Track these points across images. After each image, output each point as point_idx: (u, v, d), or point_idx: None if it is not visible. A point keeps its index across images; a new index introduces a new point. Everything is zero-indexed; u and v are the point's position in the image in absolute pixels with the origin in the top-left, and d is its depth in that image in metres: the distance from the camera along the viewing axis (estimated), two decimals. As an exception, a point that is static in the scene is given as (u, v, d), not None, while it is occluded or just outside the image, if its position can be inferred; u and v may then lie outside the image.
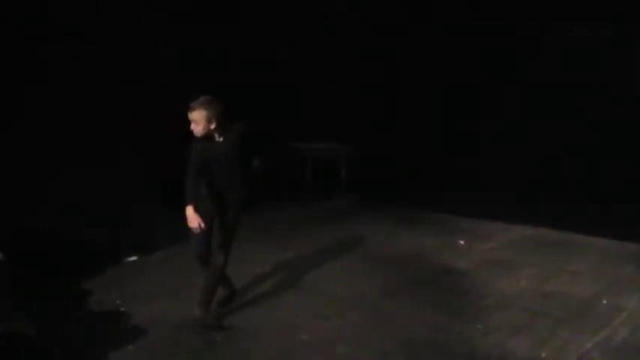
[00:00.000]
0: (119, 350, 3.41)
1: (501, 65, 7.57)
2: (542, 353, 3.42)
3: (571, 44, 7.07)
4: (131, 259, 5.15)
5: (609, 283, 4.59)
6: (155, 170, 5.76)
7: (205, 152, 3.64)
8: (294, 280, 4.64)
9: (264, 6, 7.14)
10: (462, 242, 5.82)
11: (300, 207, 7.30)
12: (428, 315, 3.99)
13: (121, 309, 4.03)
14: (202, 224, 3.52)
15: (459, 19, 7.86)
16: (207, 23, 6.59)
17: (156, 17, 6.07)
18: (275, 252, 5.33)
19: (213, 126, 3.60)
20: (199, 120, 3.57)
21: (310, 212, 7.16)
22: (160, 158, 5.84)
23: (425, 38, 8.19)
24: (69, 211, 5.03)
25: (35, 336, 3.17)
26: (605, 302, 4.19)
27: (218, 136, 3.67)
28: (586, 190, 6.51)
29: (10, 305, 3.25)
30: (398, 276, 4.82)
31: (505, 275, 4.82)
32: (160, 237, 5.32)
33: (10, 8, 4.80)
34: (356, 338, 3.62)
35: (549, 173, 7.13)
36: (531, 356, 3.40)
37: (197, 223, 3.51)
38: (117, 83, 5.61)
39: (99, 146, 5.49)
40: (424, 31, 8.18)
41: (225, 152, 3.67)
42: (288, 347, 3.49)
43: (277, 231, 6.23)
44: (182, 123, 3.78)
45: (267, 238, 5.80)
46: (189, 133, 3.71)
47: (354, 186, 7.98)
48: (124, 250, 5.18)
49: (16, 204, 4.78)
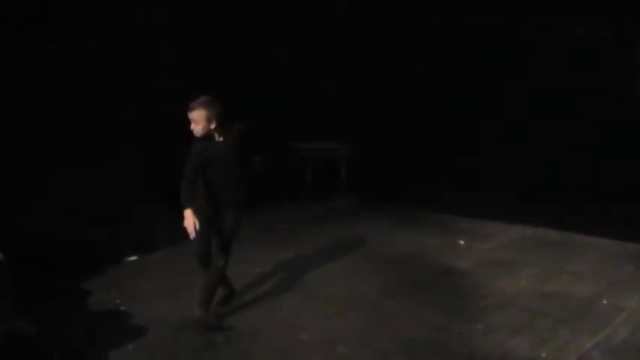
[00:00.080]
0: (119, 350, 3.42)
1: (501, 65, 7.57)
2: (542, 353, 3.42)
3: (571, 44, 7.08)
4: (131, 259, 5.15)
5: (609, 283, 4.60)
6: (155, 170, 5.75)
7: (205, 152, 3.64)
8: (294, 280, 4.64)
9: (264, 6, 7.14)
10: (462, 242, 5.82)
11: (300, 207, 7.31)
12: (428, 315, 4.00)
13: (121, 309, 4.03)
14: (197, 226, 3.46)
15: (459, 19, 7.86)
16: (207, 23, 6.59)
17: (156, 17, 6.07)
18: (275, 252, 5.33)
19: (213, 126, 3.60)
20: (199, 120, 3.56)
21: (310, 212, 7.16)
22: (160, 158, 5.83)
23: (425, 38, 8.19)
24: (69, 211, 5.03)
25: (36, 335, 3.17)
26: (605, 302, 4.19)
27: (218, 136, 3.67)
28: (586, 190, 6.52)
29: (11, 305, 3.25)
30: (398, 276, 4.83)
31: (505, 275, 4.82)
32: (160, 237, 5.32)
33: (10, 8, 4.80)
34: (356, 338, 3.62)
35: (549, 173, 7.13)
36: (531, 356, 3.40)
37: (191, 226, 3.44)
38: (117, 83, 5.61)
39: (99, 146, 5.49)
40: (424, 31, 8.18)
41: (225, 152, 3.66)
42: (288, 347, 3.49)
43: (277, 231, 6.23)
44: (182, 123, 3.78)
45: (267, 238, 5.80)
46: (189, 133, 3.70)
47: (354, 186, 7.96)
48: (124, 250, 5.18)
49: (16, 204, 4.78)
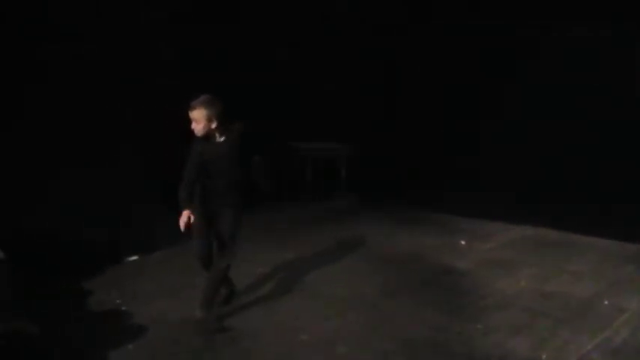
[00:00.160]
0: (119, 349, 3.42)
1: (501, 65, 7.57)
2: (542, 354, 3.41)
3: (571, 44, 7.07)
4: (132, 259, 5.15)
5: (609, 284, 4.58)
6: (155, 170, 5.75)
7: (205, 153, 3.63)
8: (294, 281, 4.64)
9: (264, 6, 7.14)
10: (463, 242, 5.81)
11: (300, 207, 7.31)
12: (428, 315, 3.99)
13: (122, 308, 4.03)
14: (192, 222, 3.48)
15: (459, 19, 7.86)
16: (207, 23, 6.58)
17: (156, 17, 6.07)
18: (275, 252, 5.33)
19: (214, 125, 3.59)
20: (200, 119, 3.56)
21: (310, 212, 7.15)
22: (160, 158, 5.82)
23: (425, 38, 8.19)
24: (69, 211, 5.03)
25: (37, 335, 3.18)
26: (606, 303, 4.17)
27: (219, 136, 3.66)
28: (586, 190, 6.51)
29: (11, 304, 3.25)
30: (398, 276, 4.82)
31: (505, 275, 4.82)
32: (160, 237, 5.31)
33: (10, 8, 4.80)
34: (356, 338, 3.62)
35: (549, 173, 7.13)
36: (531, 356, 3.39)
37: (184, 221, 3.47)
38: (117, 83, 5.61)
39: (99, 146, 5.50)
40: (424, 31, 8.18)
41: (225, 153, 3.65)
42: (288, 347, 3.49)
43: (277, 231, 6.23)
44: (182, 123, 3.78)
45: (267, 238, 5.80)
46: (189, 133, 3.70)
47: (354, 186, 7.96)
48: (124, 250, 5.18)
49: (16, 204, 4.78)
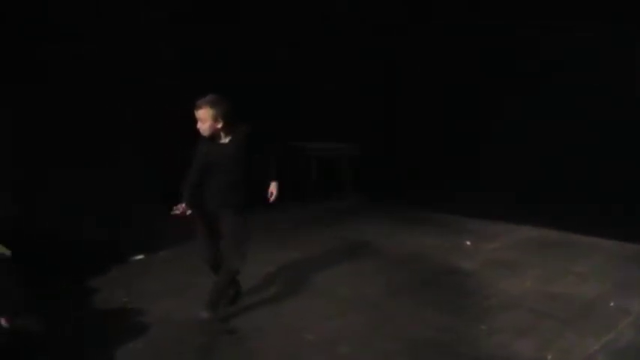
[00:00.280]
0: (125, 348, 3.40)
1: (501, 65, 7.56)
2: (547, 355, 3.39)
3: (571, 44, 7.07)
4: (137, 258, 5.13)
5: (614, 285, 4.53)
6: (155, 170, 5.74)
7: (210, 153, 3.60)
8: (297, 281, 4.62)
9: (264, 6, 7.12)
10: (469, 243, 5.75)
11: (302, 207, 7.26)
12: (431, 315, 3.97)
13: (127, 307, 4.02)
14: (186, 214, 3.52)
15: (459, 19, 7.85)
16: (207, 23, 6.57)
17: (156, 17, 6.06)
18: (277, 252, 5.30)
19: (219, 125, 3.56)
20: (206, 118, 3.53)
21: (313, 212, 7.12)
22: (160, 158, 5.83)
23: (425, 38, 8.18)
24: (69, 211, 5.03)
25: (42, 333, 3.19)
26: (612, 305, 4.12)
27: (224, 136, 3.63)
28: (588, 191, 6.50)
29: (17, 302, 3.24)
30: (402, 276, 4.80)
31: (510, 276, 4.77)
32: (161, 237, 5.30)
33: (10, 8, 4.79)
34: (359, 338, 3.60)
35: (549, 173, 7.12)
36: (536, 358, 3.37)
37: (178, 210, 3.50)
38: (117, 83, 5.61)
39: (99, 146, 5.49)
40: (424, 31, 8.17)
41: (230, 154, 3.61)
42: (292, 347, 3.48)
43: (279, 231, 6.19)
44: (182, 123, 3.77)
45: (269, 239, 5.75)
46: (188, 133, 3.69)
47: (357, 186, 7.95)
48: (124, 250, 5.15)
49: (16, 204, 4.76)
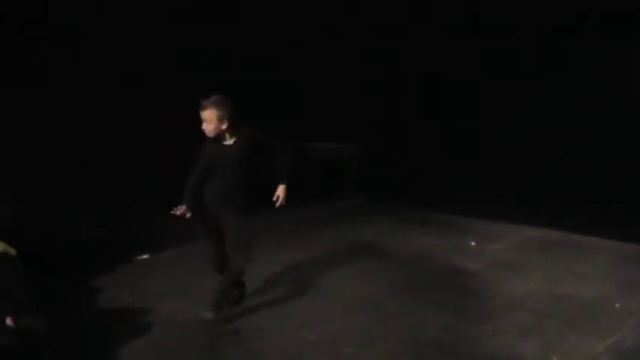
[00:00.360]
0: (129, 348, 3.40)
1: (501, 65, 7.56)
2: (551, 356, 3.36)
3: (571, 44, 7.07)
4: (142, 258, 5.12)
5: (619, 286, 4.52)
6: (155, 170, 5.73)
7: (215, 154, 3.59)
8: (300, 281, 4.61)
9: (264, 6, 7.11)
10: (474, 243, 5.72)
11: (303, 207, 7.21)
12: (435, 316, 3.96)
13: (132, 307, 4.01)
14: (186, 217, 3.52)
15: (459, 19, 7.85)
16: (207, 23, 6.55)
17: (156, 17, 6.04)
18: (279, 253, 5.28)
19: (224, 126, 3.54)
20: (210, 119, 3.51)
21: (314, 212, 7.09)
22: (160, 158, 5.81)
23: (425, 38, 8.18)
24: (69, 211, 5.02)
25: (47, 332, 3.18)
26: (617, 306, 4.10)
27: (229, 137, 3.61)
28: (588, 191, 6.50)
29: (22, 302, 3.24)
30: (404, 276, 4.79)
31: (514, 277, 4.75)
32: (165, 237, 5.28)
33: (10, 8, 4.77)
34: (362, 339, 3.59)
35: (549, 173, 7.13)
36: (540, 359, 3.35)
37: (178, 211, 3.51)
38: (117, 83, 5.59)
39: (99, 146, 5.47)
40: (424, 31, 8.17)
41: (235, 154, 3.59)
42: (295, 347, 3.47)
43: (282, 231, 6.16)
44: (182, 123, 3.76)
45: (271, 239, 5.71)
46: (188, 133, 3.68)
47: (358, 186, 7.93)
48: (123, 250, 5.13)
49: (17, 204, 4.75)
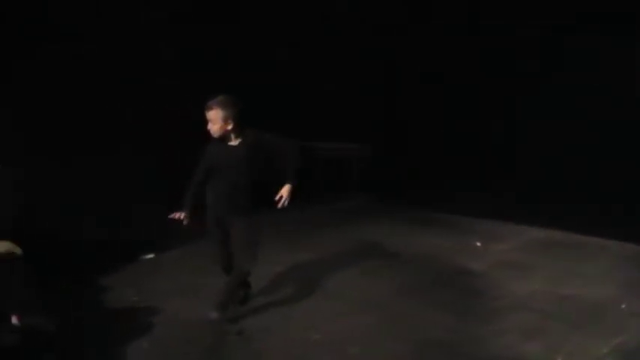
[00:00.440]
0: (134, 347, 3.39)
1: (501, 65, 7.57)
2: (555, 357, 3.34)
3: (571, 44, 7.08)
4: (147, 257, 5.11)
5: (623, 287, 4.47)
6: (155, 170, 5.72)
7: (220, 155, 3.57)
8: (305, 281, 4.58)
9: (264, 6, 7.10)
10: (479, 244, 5.67)
11: (307, 207, 7.16)
12: (440, 316, 3.94)
13: (137, 306, 4.00)
14: (182, 218, 3.53)
15: (459, 19, 7.85)
16: (207, 23, 6.55)
17: (156, 17, 6.04)
18: (284, 253, 5.25)
19: (230, 127, 3.51)
20: (216, 119, 3.49)
21: (318, 213, 7.07)
22: (161, 158, 5.80)
23: (425, 38, 8.18)
24: (69, 211, 5.02)
25: (52, 331, 3.20)
26: (623, 307, 4.06)
27: (235, 138, 3.58)
28: (588, 191, 6.50)
29: (28, 300, 3.25)
30: (409, 277, 4.76)
31: (518, 277, 4.71)
32: (166, 236, 5.26)
33: (10, 8, 4.77)
34: (367, 339, 3.58)
35: (549, 173, 7.13)
36: (544, 359, 3.33)
37: (176, 216, 3.52)
38: (117, 83, 5.59)
39: (99, 146, 5.47)
40: (424, 31, 8.17)
41: (241, 155, 3.56)
42: (300, 348, 3.45)
43: (287, 231, 6.11)
44: (182, 123, 3.75)
45: (276, 239, 5.64)
46: (188, 133, 3.68)
47: (362, 186, 7.95)
48: (123, 250, 5.12)
49: (16, 204, 4.72)
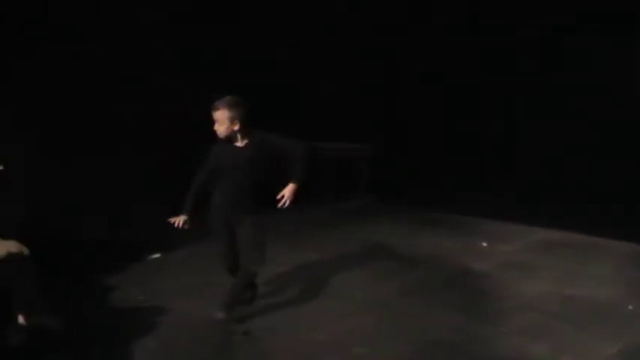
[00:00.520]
0: (140, 347, 3.38)
1: (501, 65, 7.56)
2: (561, 358, 3.32)
3: (571, 44, 7.08)
4: (154, 257, 5.11)
5: (630, 287, 4.44)
6: (155, 170, 5.70)
7: (226, 156, 3.55)
8: (309, 282, 4.57)
9: (264, 6, 7.10)
10: (485, 244, 5.65)
11: (311, 207, 7.11)
12: (446, 317, 3.93)
13: (143, 306, 4.00)
14: (182, 223, 3.51)
15: (459, 19, 7.85)
16: (207, 23, 6.54)
17: (156, 17, 6.04)
18: (289, 253, 5.22)
19: (236, 127, 3.50)
20: (222, 120, 3.47)
21: (322, 213, 7.05)
22: (161, 158, 5.79)
23: (425, 38, 8.17)
24: (68, 211, 5.01)
25: (59, 331, 3.20)
26: (630, 308, 4.03)
27: (241, 139, 3.56)
28: (588, 191, 6.49)
29: (35, 300, 3.24)
30: (415, 277, 4.75)
31: (524, 278, 4.69)
32: (166, 237, 5.23)
33: (10, 8, 4.76)
34: (373, 339, 3.56)
35: (549, 173, 7.13)
36: (551, 361, 3.34)
37: (175, 221, 3.50)
38: (117, 83, 5.58)
39: (99, 146, 5.45)
40: (424, 31, 8.16)
41: (247, 157, 3.55)
42: (305, 348, 3.44)
43: (291, 232, 6.08)
44: (182, 123, 3.73)
45: (280, 239, 5.54)
46: (188, 133, 3.66)
47: (366, 186, 7.95)
48: (122, 250, 5.11)
49: (17, 204, 4.70)
